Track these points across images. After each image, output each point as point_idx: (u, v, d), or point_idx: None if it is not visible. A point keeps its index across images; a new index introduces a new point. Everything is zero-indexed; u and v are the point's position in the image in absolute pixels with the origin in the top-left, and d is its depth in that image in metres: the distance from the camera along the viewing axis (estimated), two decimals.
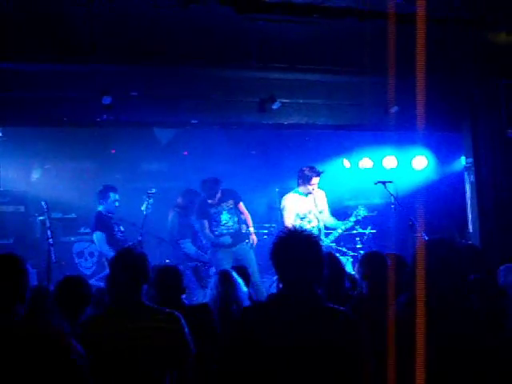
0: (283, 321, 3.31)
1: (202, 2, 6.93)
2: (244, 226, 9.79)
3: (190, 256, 9.94)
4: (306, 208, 9.49)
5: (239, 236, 9.72)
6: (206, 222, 9.65)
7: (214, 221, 9.65)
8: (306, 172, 9.41)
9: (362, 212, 9.65)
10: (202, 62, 8.37)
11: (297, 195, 9.55)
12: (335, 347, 3.27)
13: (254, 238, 9.67)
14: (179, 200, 10.24)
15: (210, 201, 9.64)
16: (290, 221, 9.34)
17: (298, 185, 9.54)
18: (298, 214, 9.43)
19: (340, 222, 9.60)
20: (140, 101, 8.87)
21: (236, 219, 9.73)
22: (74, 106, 8.74)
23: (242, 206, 9.87)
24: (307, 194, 9.49)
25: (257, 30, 7.85)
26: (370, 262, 5.42)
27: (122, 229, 9.46)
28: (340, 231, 9.60)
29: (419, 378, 2.92)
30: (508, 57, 8.89)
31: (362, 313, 4.07)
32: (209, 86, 9.06)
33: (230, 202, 9.72)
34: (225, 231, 9.61)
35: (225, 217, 9.66)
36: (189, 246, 9.95)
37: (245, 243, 9.70)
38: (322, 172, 9.51)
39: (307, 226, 9.14)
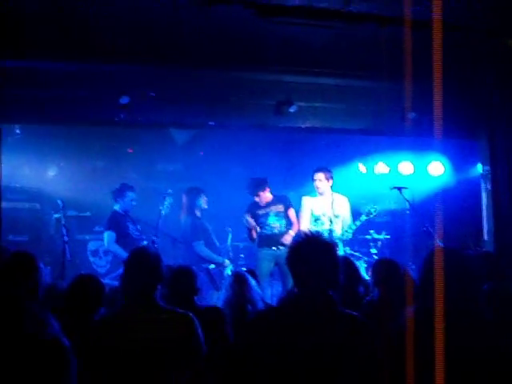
0: (297, 325, 3.31)
1: (223, 4, 6.92)
2: (292, 231, 9.78)
3: (204, 258, 9.95)
4: (320, 210, 9.57)
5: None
6: (250, 217, 9.78)
7: (261, 222, 9.73)
8: (313, 172, 9.68)
9: (374, 211, 9.67)
10: (221, 63, 8.39)
11: (311, 197, 9.76)
12: (348, 352, 3.27)
13: (287, 238, 9.63)
14: (183, 199, 10.23)
15: (257, 199, 9.77)
16: (305, 221, 9.44)
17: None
18: (312, 215, 9.53)
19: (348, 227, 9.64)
20: (158, 101, 8.90)
21: (284, 223, 9.77)
22: (91, 105, 8.78)
23: (291, 212, 9.93)
24: (319, 194, 9.60)
25: (275, 32, 7.85)
26: (382, 268, 5.42)
27: (138, 227, 9.48)
28: (350, 231, 9.61)
29: None
30: None
31: (372, 319, 4.06)
32: (227, 87, 9.09)
33: (280, 206, 9.79)
34: (269, 232, 9.65)
35: (272, 219, 9.73)
36: (202, 248, 9.94)
37: None
38: (320, 168, 9.70)
39: (318, 228, 9.20)
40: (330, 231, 9.46)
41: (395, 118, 9.63)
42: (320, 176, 9.61)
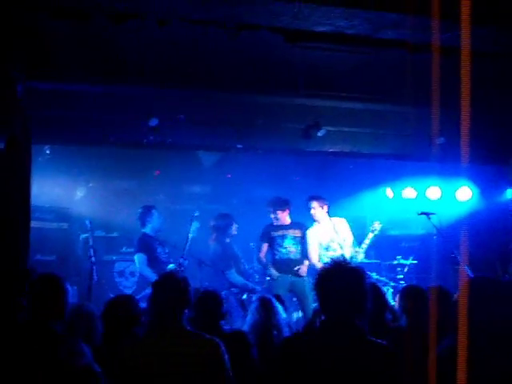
0: (324, 353, 3.30)
1: (252, 30, 6.98)
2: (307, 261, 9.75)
3: (236, 285, 9.99)
4: (327, 237, 9.54)
5: (298, 265, 9.66)
6: (264, 245, 9.75)
7: (276, 244, 9.71)
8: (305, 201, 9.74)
9: (378, 225, 9.64)
10: (249, 87, 8.42)
11: (314, 227, 9.71)
12: (374, 381, 3.25)
13: (304, 268, 9.62)
14: (211, 223, 10.27)
15: (273, 218, 9.75)
16: (314, 253, 9.43)
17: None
18: (321, 245, 9.49)
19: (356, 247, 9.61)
20: (186, 124, 8.94)
21: (300, 249, 9.74)
22: (121, 126, 8.85)
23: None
24: (317, 222, 9.69)
25: (303, 57, 7.88)
26: (410, 295, 5.38)
27: (166, 250, 9.52)
28: (361, 251, 9.57)
29: None
30: None
31: (400, 347, 4.03)
32: (255, 111, 9.12)
33: (297, 231, 9.80)
34: (285, 256, 9.63)
35: (288, 242, 9.71)
36: (234, 276, 9.99)
37: (305, 277, 9.63)
38: (313, 196, 9.76)
39: (330, 256, 9.16)
40: (343, 257, 9.41)
41: (423, 143, 9.57)
42: (314, 204, 9.68)
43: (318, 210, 9.63)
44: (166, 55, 7.74)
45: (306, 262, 9.67)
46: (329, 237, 9.56)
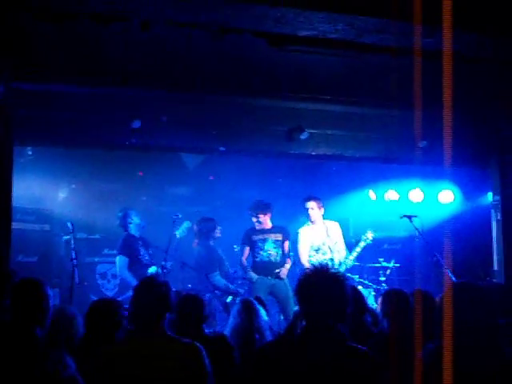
0: (304, 358, 3.30)
1: (235, 33, 6.99)
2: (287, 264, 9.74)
3: (220, 288, 9.98)
4: (319, 239, 9.53)
5: (278, 268, 9.66)
6: (246, 249, 9.73)
7: (257, 247, 9.69)
8: (301, 201, 9.73)
9: (371, 235, 9.66)
10: (232, 90, 8.42)
11: (307, 227, 9.67)
12: None
13: (284, 271, 9.63)
14: (195, 227, 10.27)
15: (255, 222, 9.73)
16: (305, 253, 9.42)
17: (306, 218, 9.79)
18: (312, 246, 9.49)
19: (348, 255, 9.61)
20: (169, 126, 8.94)
21: (280, 252, 9.73)
22: (103, 128, 8.83)
23: (287, 244, 9.93)
24: (312, 222, 9.62)
25: (287, 60, 7.89)
26: (391, 299, 5.39)
27: (149, 252, 9.49)
28: (352, 258, 9.58)
29: None
30: None
31: (382, 352, 4.04)
32: (238, 114, 9.13)
33: (279, 235, 9.78)
34: (266, 259, 9.62)
35: (269, 245, 9.68)
36: (218, 279, 9.99)
37: (285, 280, 9.64)
38: (312, 196, 9.73)
39: (321, 258, 9.18)
40: (332, 260, 9.43)
41: (406, 146, 9.61)
42: (312, 204, 9.65)
43: (315, 210, 9.62)
44: (150, 57, 7.72)
45: (287, 265, 9.68)
46: (321, 239, 9.56)
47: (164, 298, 4.13)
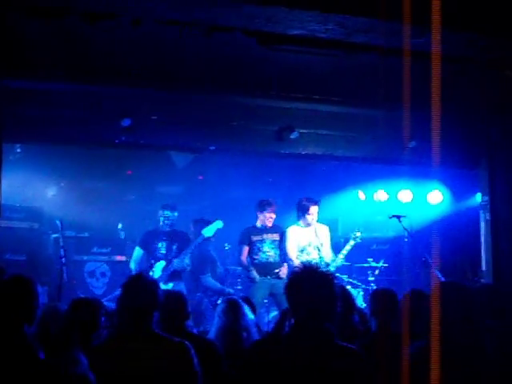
0: (292, 356, 3.30)
1: (226, 32, 6.98)
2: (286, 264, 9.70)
3: (211, 289, 9.97)
4: (306, 240, 9.48)
5: (277, 268, 9.57)
6: (245, 249, 9.65)
7: (256, 248, 9.60)
8: (304, 202, 9.49)
9: (360, 235, 9.64)
10: (223, 89, 8.43)
11: (298, 227, 9.58)
12: None
13: (284, 270, 9.58)
14: (191, 227, 10.24)
15: (261, 218, 9.64)
16: (293, 251, 9.38)
17: (298, 218, 9.59)
18: (298, 246, 9.43)
19: (335, 257, 9.55)
20: (159, 125, 8.93)
21: (278, 253, 9.66)
22: (93, 126, 8.81)
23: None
24: (307, 225, 9.52)
25: (278, 59, 7.90)
26: (380, 298, 5.40)
27: (174, 247, 9.37)
28: (341, 257, 9.56)
29: None
30: None
31: (370, 350, 4.04)
32: (228, 113, 9.12)
33: (276, 235, 9.67)
34: (264, 260, 9.57)
35: (267, 246, 9.60)
36: (209, 281, 9.98)
37: (285, 279, 9.56)
38: (318, 201, 9.53)
39: (305, 258, 9.14)
40: (320, 259, 9.40)
41: (395, 147, 9.63)
42: (316, 209, 9.49)
43: (315, 215, 9.54)
44: (140, 55, 7.72)
45: (286, 265, 9.65)
46: (307, 240, 9.51)
47: (152, 296, 4.11)
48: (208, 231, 9.37)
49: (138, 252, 9.42)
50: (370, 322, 5.40)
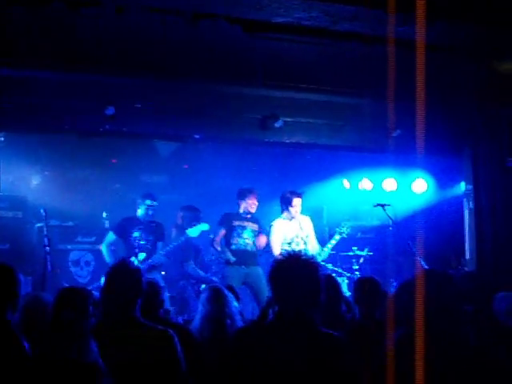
0: (276, 343, 3.31)
1: (210, 19, 6.95)
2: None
3: (194, 277, 9.96)
4: (292, 232, 9.47)
5: (255, 258, 9.62)
6: (222, 231, 9.63)
7: (236, 232, 9.59)
8: (287, 195, 9.49)
9: (346, 229, 9.67)
10: (207, 77, 8.40)
11: (283, 220, 9.57)
12: (327, 373, 3.27)
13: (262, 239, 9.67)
14: (179, 214, 10.21)
15: (243, 205, 9.64)
16: (277, 245, 9.36)
17: (282, 211, 9.60)
18: (285, 239, 9.40)
19: (321, 249, 9.57)
20: (143, 113, 8.90)
21: (255, 242, 9.66)
22: (76, 115, 8.77)
23: (263, 238, 9.80)
24: (291, 218, 9.51)
25: (262, 48, 7.88)
26: (363, 287, 5.44)
27: (150, 238, 9.35)
28: (326, 250, 9.59)
29: None
30: (509, 86, 8.91)
31: (354, 338, 4.07)
32: (213, 101, 9.09)
33: (255, 226, 9.69)
34: (242, 247, 9.56)
35: (248, 233, 9.61)
36: (193, 268, 9.97)
37: (259, 267, 9.59)
38: (301, 193, 9.54)
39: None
40: (306, 250, 9.40)
41: (380, 135, 9.66)
42: (300, 201, 9.49)
43: (299, 207, 9.53)
44: (124, 43, 7.68)
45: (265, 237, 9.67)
46: (294, 232, 9.51)
47: (136, 284, 4.12)
48: (193, 232, 9.39)
49: (110, 236, 9.41)
50: (354, 310, 5.44)
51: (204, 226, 9.52)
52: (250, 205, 9.61)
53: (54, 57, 7.77)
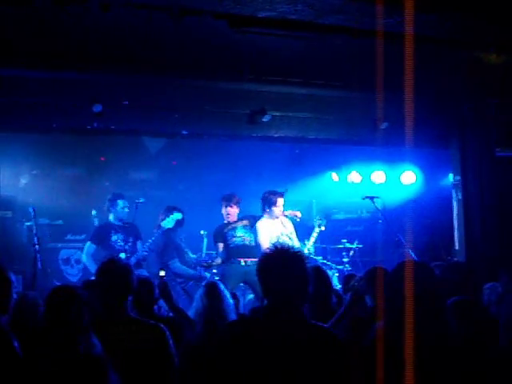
0: (265, 337, 3.31)
1: (196, 15, 6.93)
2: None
3: (181, 275, 9.95)
4: (277, 231, 9.48)
5: (254, 251, 9.47)
6: (220, 246, 9.62)
7: (229, 236, 9.57)
8: (270, 196, 9.49)
9: (322, 221, 9.71)
10: (194, 73, 8.39)
11: (266, 219, 9.58)
12: (317, 365, 3.28)
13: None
14: (161, 217, 10.16)
15: (225, 214, 9.65)
16: (266, 244, 9.32)
17: (263, 211, 9.59)
18: (270, 237, 9.37)
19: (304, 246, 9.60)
20: (131, 110, 8.90)
21: (252, 236, 9.62)
22: (64, 112, 8.76)
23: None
24: (274, 218, 9.54)
25: (249, 42, 7.86)
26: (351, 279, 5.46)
27: (130, 239, 9.33)
28: (310, 244, 9.63)
29: None
30: (497, 77, 8.94)
31: (345, 330, 4.09)
32: (200, 97, 9.08)
33: (245, 221, 9.68)
34: (240, 242, 9.55)
35: (240, 231, 9.60)
36: (178, 266, 9.95)
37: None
38: (283, 192, 9.56)
39: None
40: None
41: (368, 128, 9.69)
42: (282, 201, 9.50)
43: (282, 207, 9.53)
44: (110, 40, 7.65)
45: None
46: (279, 230, 9.52)
47: (127, 280, 4.13)
48: (167, 223, 9.36)
49: (89, 247, 9.30)
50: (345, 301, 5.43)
51: (177, 215, 9.49)
52: (226, 214, 9.63)
53: (40, 55, 7.74)
